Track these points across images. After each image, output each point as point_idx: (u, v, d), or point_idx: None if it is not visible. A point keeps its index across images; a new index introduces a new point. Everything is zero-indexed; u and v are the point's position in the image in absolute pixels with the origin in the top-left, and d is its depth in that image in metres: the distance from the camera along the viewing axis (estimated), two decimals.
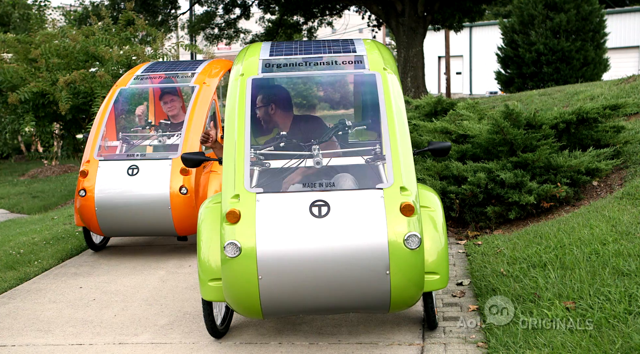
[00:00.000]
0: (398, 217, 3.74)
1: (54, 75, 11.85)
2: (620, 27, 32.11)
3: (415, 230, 3.73)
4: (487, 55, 32.56)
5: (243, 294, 3.77)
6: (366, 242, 3.71)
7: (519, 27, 23.44)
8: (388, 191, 3.83)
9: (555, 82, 21.65)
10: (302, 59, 4.57)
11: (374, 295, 3.77)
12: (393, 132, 4.05)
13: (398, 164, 3.93)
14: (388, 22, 18.69)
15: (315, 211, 3.78)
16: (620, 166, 7.25)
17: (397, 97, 4.22)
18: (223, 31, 22.73)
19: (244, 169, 3.99)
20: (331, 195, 3.85)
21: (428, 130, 7.73)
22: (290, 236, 3.74)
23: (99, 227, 6.51)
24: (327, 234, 3.73)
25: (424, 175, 6.94)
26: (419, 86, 18.35)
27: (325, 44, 4.76)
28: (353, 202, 3.81)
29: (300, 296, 3.76)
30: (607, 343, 3.61)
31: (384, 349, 4.11)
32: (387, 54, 4.66)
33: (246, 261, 3.70)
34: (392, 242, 3.70)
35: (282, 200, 3.87)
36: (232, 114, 4.22)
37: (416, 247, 3.71)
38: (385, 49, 4.76)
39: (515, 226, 6.61)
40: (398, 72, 4.93)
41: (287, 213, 3.79)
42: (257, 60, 4.55)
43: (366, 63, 4.43)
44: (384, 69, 4.34)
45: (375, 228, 3.72)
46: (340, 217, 3.76)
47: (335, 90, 5.12)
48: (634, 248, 4.72)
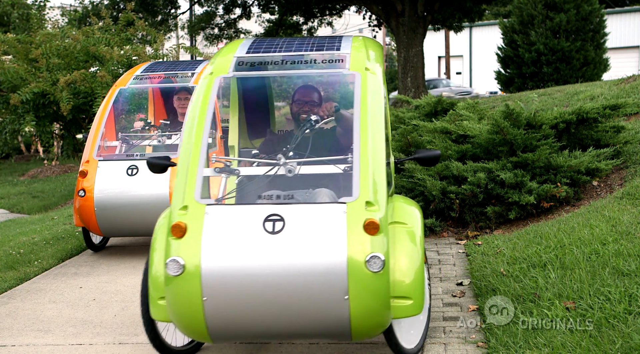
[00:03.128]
0: (360, 236, 3.33)
1: (54, 75, 11.86)
2: (620, 27, 32.11)
3: (378, 251, 3.31)
4: (487, 55, 32.56)
5: (188, 317, 3.42)
6: (323, 262, 3.31)
7: (519, 27, 23.44)
8: (352, 206, 3.41)
9: (555, 82, 21.65)
10: (281, 57, 4.21)
11: (333, 322, 3.38)
12: (364, 139, 3.63)
13: (366, 175, 3.51)
14: (388, 22, 18.69)
15: (269, 227, 3.39)
16: (620, 166, 7.25)
17: (375, 100, 3.81)
18: (223, 31, 22.72)
19: (195, 177, 3.62)
20: (288, 209, 3.46)
21: (428, 130, 7.73)
22: (239, 254, 3.36)
23: (98, 228, 6.51)
24: (281, 252, 3.34)
25: (424, 175, 6.94)
26: (418, 86, 18.35)
27: (311, 41, 4.42)
28: (312, 218, 3.43)
29: (251, 320, 3.40)
30: (607, 343, 3.61)
31: (384, 349, 4.11)
32: (377, 53, 4.32)
33: (189, 280, 3.34)
34: (351, 264, 3.29)
35: (233, 213, 3.51)
36: (193, 115, 3.89)
37: (379, 270, 3.29)
38: (376, 47, 4.45)
39: (515, 226, 6.61)
40: (385, 73, 4.77)
41: (237, 228, 3.43)
42: (232, 58, 4.19)
43: (347, 62, 4.04)
44: (365, 69, 3.94)
45: (333, 247, 3.32)
46: (296, 234, 3.37)
47: (313, 90, 4.74)
48: (634, 248, 4.72)
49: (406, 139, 7.52)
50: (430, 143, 7.37)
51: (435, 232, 6.83)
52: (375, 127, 3.71)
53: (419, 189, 6.99)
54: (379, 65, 4.13)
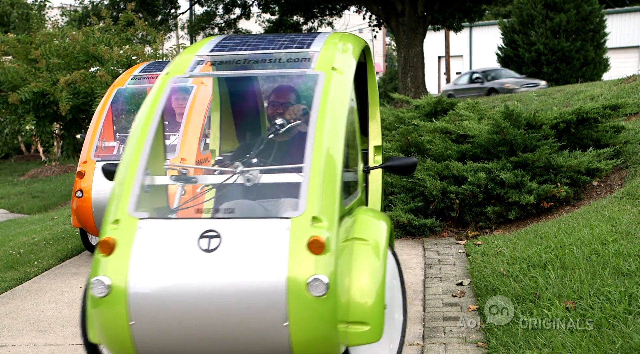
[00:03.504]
0: (303, 255, 2.98)
1: (54, 75, 11.86)
2: (620, 27, 32.10)
3: (322, 272, 2.95)
4: (487, 55, 32.56)
5: (116, 342, 3.10)
6: (260, 285, 2.97)
7: (519, 27, 23.47)
8: (296, 221, 3.05)
9: (555, 82, 21.66)
10: (246, 56, 3.90)
11: (272, 351, 3.05)
12: (318, 146, 3.24)
13: (316, 187, 3.13)
14: (388, 22, 18.69)
15: (204, 244, 3.06)
16: (620, 166, 7.25)
17: (337, 102, 3.43)
18: (223, 31, 22.72)
19: (131, 188, 3.28)
20: (226, 224, 3.13)
21: (428, 130, 7.73)
22: (170, 273, 3.03)
23: (95, 229, 6.50)
24: (215, 272, 3.01)
25: (424, 175, 6.94)
26: (419, 86, 18.36)
27: (283, 39, 4.09)
28: (252, 234, 3.09)
29: (184, 347, 3.07)
30: (607, 343, 3.61)
31: None
32: (353, 52, 3.95)
33: (116, 303, 3.02)
34: (291, 287, 2.94)
35: (167, 228, 3.18)
36: (140, 118, 3.62)
37: (321, 294, 2.93)
38: (355, 44, 4.08)
39: (515, 226, 6.61)
40: (373, 72, 4.64)
41: (170, 245, 3.10)
42: (192, 57, 3.90)
43: (314, 61, 3.67)
44: (332, 69, 3.57)
45: (272, 268, 2.97)
46: (232, 253, 3.04)
47: (289, 91, 4.45)
48: (634, 248, 4.72)
49: (406, 139, 7.52)
50: (430, 143, 7.37)
51: (435, 232, 6.84)
52: (332, 133, 3.33)
53: (419, 189, 6.99)
54: (351, 64, 3.77)
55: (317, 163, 3.21)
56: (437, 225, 6.81)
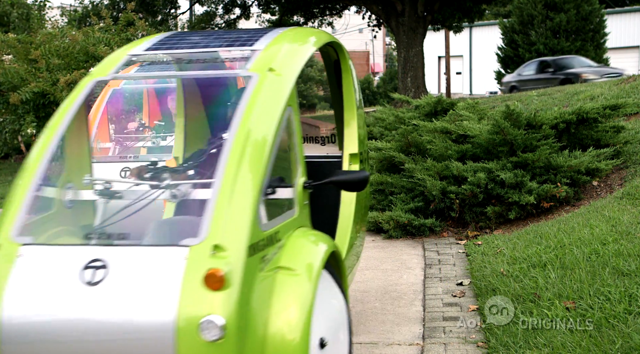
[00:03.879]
0: (198, 291, 2.56)
1: (54, 75, 11.86)
2: (620, 27, 32.10)
3: (218, 312, 2.52)
4: (487, 55, 32.57)
5: None
6: (146, 325, 2.57)
7: (519, 27, 23.49)
8: (195, 251, 2.64)
9: None
10: (180, 55, 3.59)
11: None
12: (232, 160, 2.82)
13: (223, 207, 2.71)
14: (388, 22, 18.71)
15: (88, 275, 2.66)
16: (620, 166, 7.25)
17: (266, 107, 3.05)
18: None
19: (18, 207, 2.91)
20: (116, 252, 2.74)
21: (428, 130, 7.73)
22: (49, 307, 2.66)
23: None
24: (97, 309, 2.62)
25: (424, 175, 6.94)
26: (419, 86, 18.38)
27: (230, 36, 3.75)
28: (144, 265, 2.68)
29: None
30: (607, 343, 3.61)
31: (384, 349, 4.11)
32: (300, 49, 3.58)
33: None
34: (181, 328, 2.54)
35: (51, 256, 2.78)
36: (47, 126, 3.26)
37: (215, 338, 2.51)
38: (312, 40, 3.75)
39: (515, 226, 6.61)
40: (349, 73, 4.25)
41: (52, 275, 2.72)
42: (124, 55, 3.55)
43: (251, 61, 3.27)
44: (269, 70, 3.18)
45: (161, 306, 2.57)
46: (119, 286, 2.64)
47: (210, 96, 4.12)
48: (634, 248, 4.72)
49: (406, 139, 7.52)
50: (430, 143, 7.37)
51: (435, 232, 6.84)
52: (254, 143, 2.90)
53: (419, 189, 6.99)
54: (296, 65, 3.40)
55: (229, 179, 2.77)
56: (437, 225, 6.82)
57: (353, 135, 4.35)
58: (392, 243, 6.67)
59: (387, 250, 6.41)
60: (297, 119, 3.32)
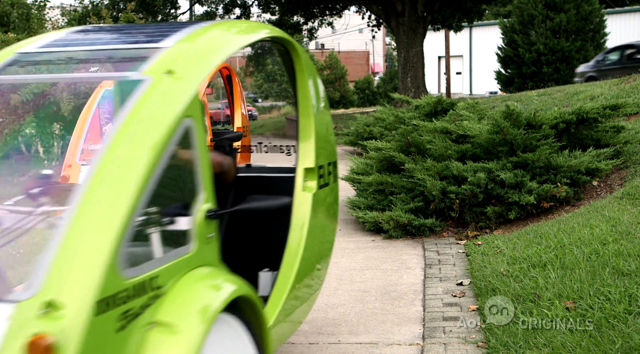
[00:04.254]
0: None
1: None
2: (620, 27, 32.09)
3: None
4: (487, 55, 32.57)
5: None
6: None
7: (519, 27, 23.47)
8: (22, 308, 2.02)
9: (555, 82, 21.67)
10: (72, 54, 3.02)
11: None
12: (92, 184, 2.23)
13: (66, 251, 2.10)
14: (388, 22, 18.71)
15: None
16: (620, 166, 7.25)
17: (151, 118, 2.46)
18: None
19: None
20: None
21: (428, 130, 7.73)
22: None
23: None
24: None
25: (424, 175, 6.94)
26: (419, 86, 18.38)
27: (139, 29, 3.29)
28: None
29: None
30: (607, 343, 3.61)
31: (384, 349, 4.11)
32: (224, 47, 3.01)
33: None
34: None
35: None
36: None
37: None
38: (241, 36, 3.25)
39: (515, 226, 6.61)
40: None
41: None
42: (11, 53, 2.99)
43: (150, 62, 2.66)
44: (167, 73, 2.59)
45: None
46: None
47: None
48: (634, 248, 4.72)
49: (406, 139, 7.52)
50: (430, 143, 7.37)
51: (435, 232, 6.84)
52: (125, 164, 2.30)
53: (419, 189, 6.99)
54: (206, 66, 2.84)
55: (83, 209, 2.17)
56: (437, 225, 6.82)
57: (309, 145, 3.63)
58: (392, 243, 6.67)
59: (387, 250, 6.42)
60: (200, 132, 2.65)
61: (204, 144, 2.69)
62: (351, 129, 13.02)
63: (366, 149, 8.45)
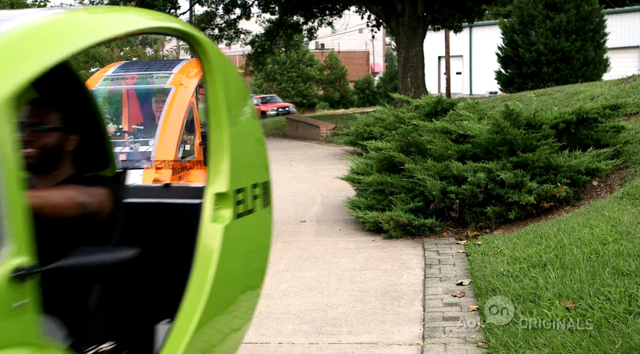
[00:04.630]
0: None
1: None
2: (620, 27, 32.11)
3: None
4: (487, 55, 32.57)
5: None
6: None
7: (519, 27, 23.45)
8: None
9: (555, 82, 21.66)
10: None
11: None
12: None
13: None
14: (388, 22, 18.71)
15: None
16: (620, 166, 7.25)
17: None
18: (223, 32, 22.75)
19: None
20: None
21: (428, 130, 7.73)
22: None
23: None
24: None
25: (424, 175, 6.94)
26: (419, 86, 18.38)
27: None
28: None
29: None
30: (607, 343, 3.61)
31: (384, 349, 4.11)
32: (57, 45, 2.03)
33: None
34: None
35: None
36: None
37: None
38: (96, 29, 2.25)
39: (515, 226, 6.62)
40: None
41: None
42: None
43: None
44: None
45: None
46: None
47: None
48: (634, 248, 4.72)
49: (406, 139, 7.53)
50: (430, 143, 7.38)
51: (435, 232, 6.84)
52: None
53: (419, 189, 6.99)
54: (24, 72, 1.85)
55: None
56: (437, 225, 6.82)
57: (221, 164, 2.76)
58: (392, 243, 6.67)
59: (387, 250, 6.42)
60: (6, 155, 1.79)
61: (12, 175, 1.78)
62: (351, 129, 13.04)
63: (366, 149, 8.46)
